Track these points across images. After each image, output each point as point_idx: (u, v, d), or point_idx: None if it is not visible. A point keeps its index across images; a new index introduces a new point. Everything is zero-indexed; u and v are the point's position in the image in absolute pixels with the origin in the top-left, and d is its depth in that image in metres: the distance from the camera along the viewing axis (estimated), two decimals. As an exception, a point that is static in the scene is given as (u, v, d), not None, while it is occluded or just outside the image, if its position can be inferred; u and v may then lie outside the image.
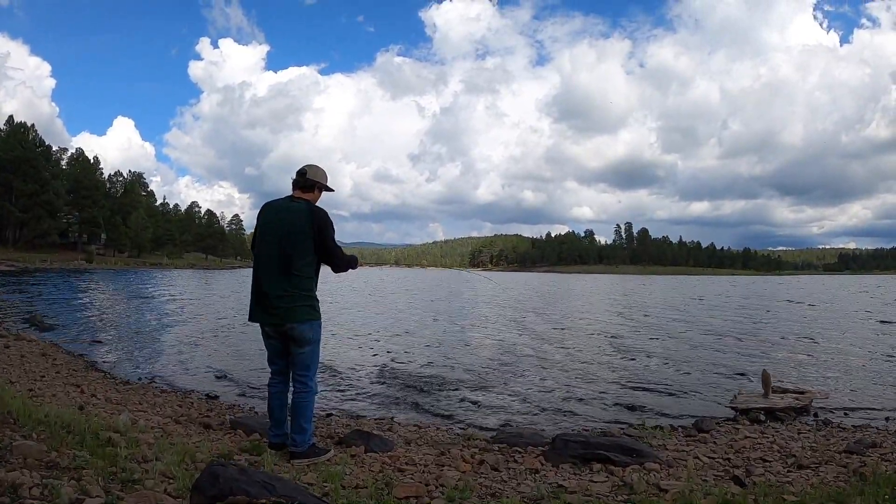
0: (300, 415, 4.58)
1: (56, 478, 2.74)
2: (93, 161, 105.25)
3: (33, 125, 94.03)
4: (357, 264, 4.96)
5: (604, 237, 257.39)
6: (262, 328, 4.67)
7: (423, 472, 4.40)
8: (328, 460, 4.51)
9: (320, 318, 4.66)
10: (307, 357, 4.62)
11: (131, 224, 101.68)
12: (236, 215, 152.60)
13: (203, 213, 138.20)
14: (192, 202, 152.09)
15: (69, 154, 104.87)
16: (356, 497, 3.41)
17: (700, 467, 4.88)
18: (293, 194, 4.69)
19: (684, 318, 23.35)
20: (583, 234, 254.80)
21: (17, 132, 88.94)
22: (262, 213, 4.73)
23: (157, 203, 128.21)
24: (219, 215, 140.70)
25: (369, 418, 7.05)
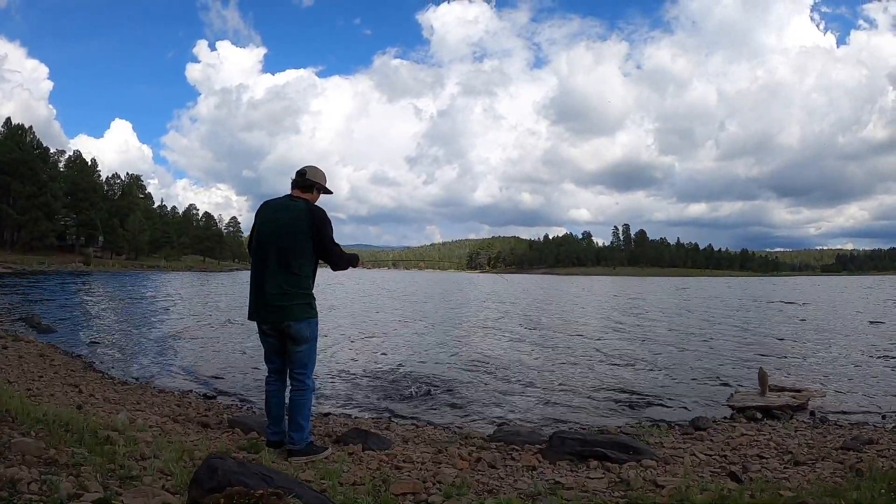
0: (298, 413, 4.59)
1: (55, 474, 2.75)
2: (90, 163, 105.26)
3: (31, 127, 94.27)
4: (358, 263, 4.98)
5: (601, 239, 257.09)
6: (259, 326, 4.68)
7: (421, 469, 4.42)
8: (326, 458, 4.52)
9: (317, 316, 4.68)
10: (304, 355, 4.63)
11: (129, 226, 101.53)
12: (234, 217, 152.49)
13: (201, 215, 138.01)
14: (190, 204, 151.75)
15: (67, 156, 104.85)
16: (354, 494, 3.42)
17: (697, 464, 4.90)
18: (292, 194, 4.71)
19: (681, 318, 23.38)
20: (580, 236, 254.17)
21: (15, 134, 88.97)
22: (261, 211, 4.74)
23: (155, 205, 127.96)
24: (216, 218, 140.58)
25: (367, 417, 7.07)
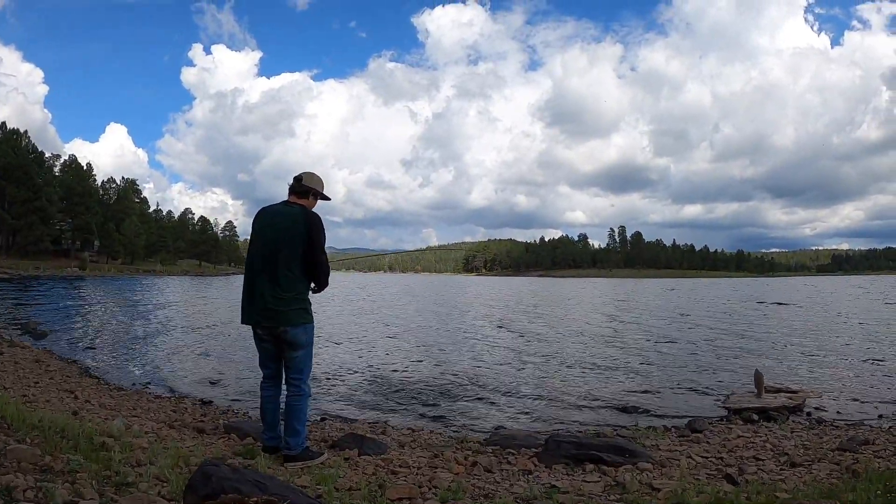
0: (294, 418, 4.58)
1: (50, 481, 2.74)
2: (86, 168, 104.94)
3: (26, 131, 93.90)
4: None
5: (597, 241, 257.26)
6: (254, 331, 4.67)
7: (417, 474, 4.41)
8: (322, 463, 4.52)
9: (313, 322, 4.67)
10: (300, 361, 4.62)
11: (124, 231, 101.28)
12: (230, 222, 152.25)
13: (196, 219, 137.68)
14: (186, 209, 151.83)
15: (62, 161, 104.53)
16: (350, 499, 3.42)
17: (693, 466, 4.90)
18: (288, 199, 4.72)
19: (676, 320, 23.39)
20: (576, 239, 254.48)
21: (10, 138, 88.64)
22: (258, 217, 4.74)
23: (151, 210, 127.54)
24: (212, 222, 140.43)
25: (363, 422, 7.06)
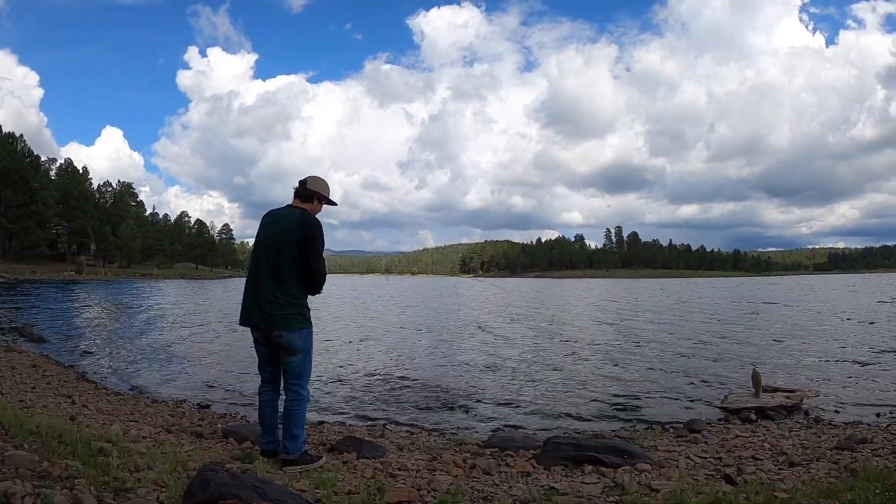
0: (292, 422, 4.57)
1: (48, 487, 2.74)
2: (82, 171, 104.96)
3: (21, 135, 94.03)
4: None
5: (594, 241, 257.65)
6: (252, 333, 4.68)
7: (415, 477, 4.41)
8: (320, 467, 4.51)
9: (311, 326, 4.65)
10: (298, 365, 4.61)
11: (121, 234, 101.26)
12: (226, 225, 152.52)
13: (193, 222, 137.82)
14: (182, 212, 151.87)
15: (58, 164, 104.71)
16: (348, 503, 3.42)
17: (691, 467, 4.90)
18: (292, 203, 4.72)
19: (673, 320, 23.42)
20: (573, 239, 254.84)
21: (6, 142, 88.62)
22: (263, 220, 4.76)
23: (147, 213, 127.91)
24: (209, 225, 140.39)
25: (361, 425, 7.06)
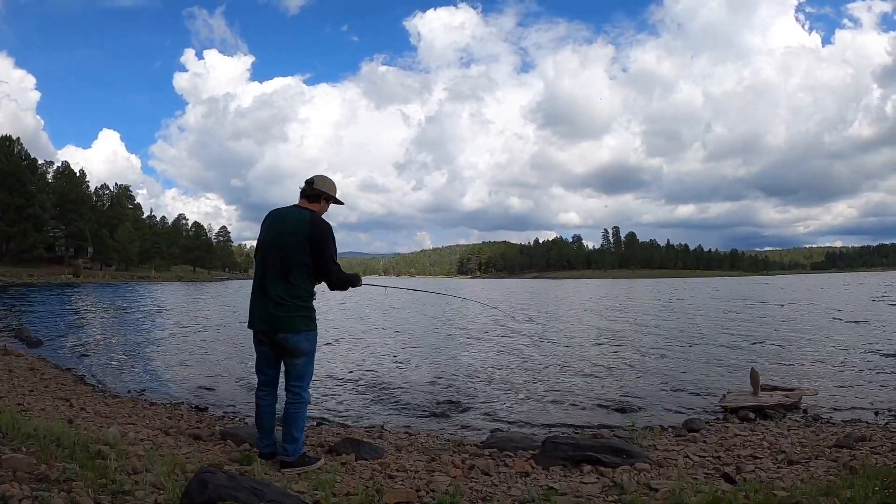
0: (292, 425, 4.55)
1: (46, 490, 2.74)
2: (79, 174, 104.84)
3: (18, 138, 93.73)
4: (359, 283, 4.85)
5: (592, 242, 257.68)
6: (254, 334, 4.65)
7: (414, 478, 4.40)
8: (319, 469, 4.50)
9: (316, 329, 4.64)
10: (301, 368, 4.59)
11: (118, 237, 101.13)
12: (223, 227, 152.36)
13: (190, 225, 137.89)
14: (179, 214, 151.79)
15: (55, 167, 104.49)
16: (347, 504, 3.41)
17: (690, 466, 4.90)
18: (299, 203, 4.68)
19: (671, 319, 23.43)
20: (570, 240, 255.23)
21: (3, 145, 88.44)
22: (266, 219, 4.72)
23: (144, 216, 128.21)
24: (206, 227, 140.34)
25: (359, 426, 7.04)
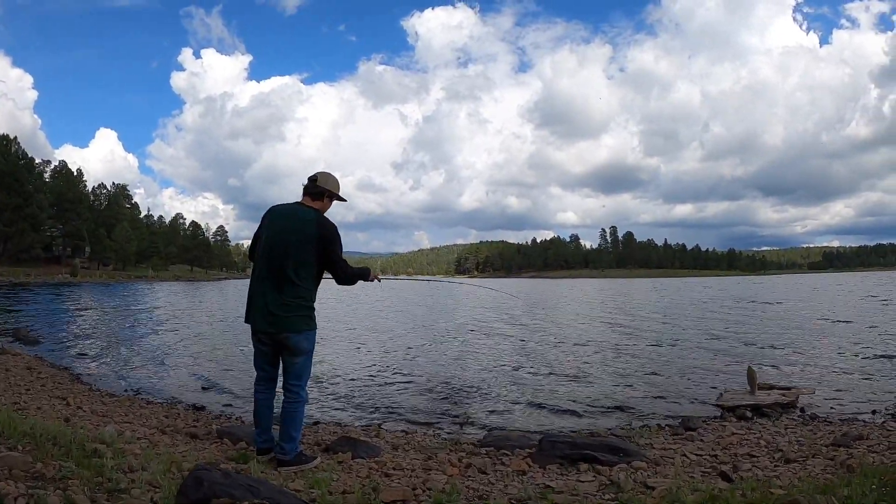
0: (290, 424, 4.55)
1: (42, 488, 2.73)
2: (76, 173, 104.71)
3: (15, 137, 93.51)
4: (370, 276, 4.80)
5: (589, 241, 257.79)
6: (254, 332, 4.62)
7: (411, 476, 4.40)
8: (315, 467, 4.49)
9: (316, 328, 4.62)
10: (300, 367, 4.58)
11: (115, 237, 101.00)
12: (221, 226, 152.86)
13: (187, 224, 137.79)
14: (177, 214, 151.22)
15: (52, 166, 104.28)
16: (343, 502, 3.40)
17: (687, 464, 4.90)
18: (302, 201, 4.64)
19: (668, 319, 23.44)
20: (568, 239, 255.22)
21: (0, 145, 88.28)
22: (268, 216, 4.66)
23: (142, 215, 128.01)
24: (203, 227, 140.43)
25: (356, 425, 7.04)
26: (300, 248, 4.41)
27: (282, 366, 4.63)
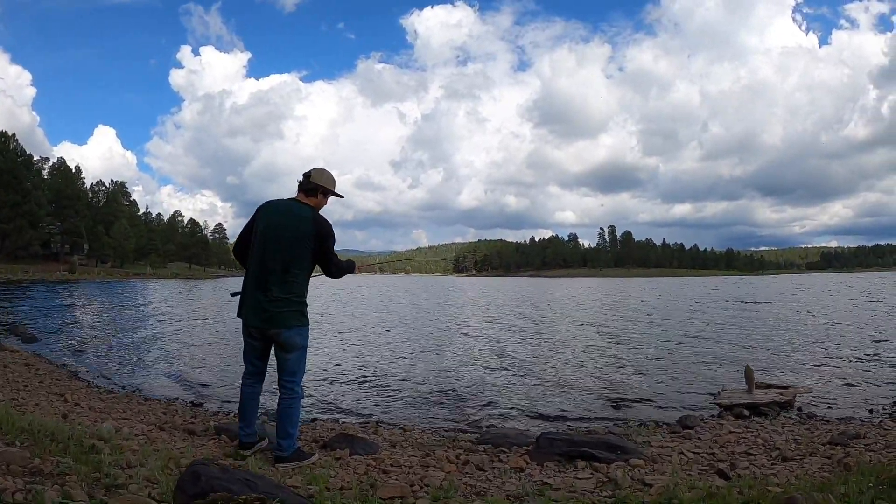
0: (286, 420, 4.55)
1: (40, 483, 2.73)
2: (74, 171, 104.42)
3: (14, 134, 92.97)
4: (354, 269, 4.95)
5: (587, 241, 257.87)
6: (245, 327, 4.61)
7: (408, 473, 4.40)
8: (313, 464, 4.50)
9: (308, 324, 4.63)
10: (294, 363, 4.58)
11: (114, 234, 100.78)
12: (219, 224, 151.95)
13: (186, 222, 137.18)
14: (175, 211, 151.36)
15: (51, 164, 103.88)
16: (341, 498, 3.41)
17: (685, 462, 4.91)
18: (297, 197, 4.64)
19: (666, 318, 23.47)
20: (566, 238, 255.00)
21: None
22: (263, 211, 4.63)
23: (140, 213, 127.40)
24: (202, 224, 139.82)
25: (354, 422, 7.04)
26: (295, 244, 4.42)
27: (276, 363, 4.63)
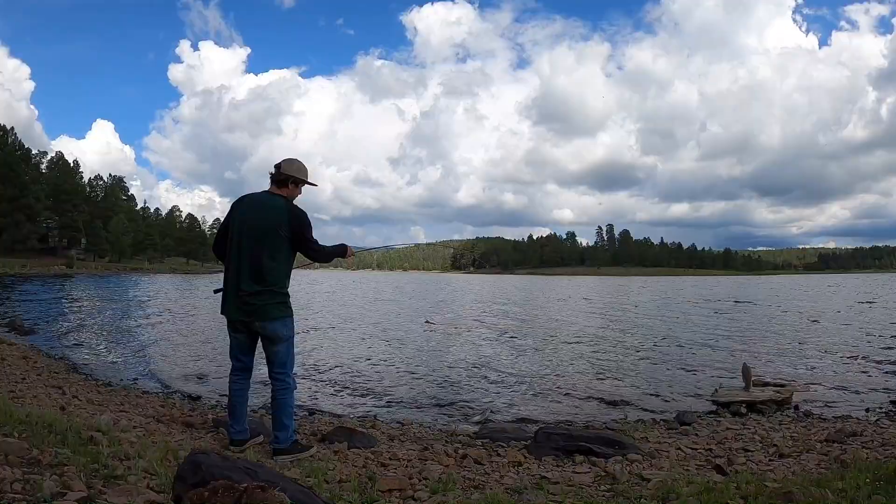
0: (281, 412, 4.56)
1: (38, 474, 2.73)
2: (72, 165, 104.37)
3: (12, 128, 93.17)
4: (346, 253, 4.92)
5: (585, 239, 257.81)
6: (229, 322, 4.62)
7: (407, 466, 4.41)
8: (311, 456, 4.51)
9: (292, 314, 4.63)
10: (282, 354, 4.59)
11: (112, 229, 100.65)
12: (217, 219, 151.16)
13: (184, 217, 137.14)
14: (173, 206, 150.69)
15: (49, 158, 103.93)
16: (340, 491, 3.41)
17: (682, 458, 4.93)
18: (269, 189, 4.64)
19: (664, 316, 23.50)
20: (564, 237, 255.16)
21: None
22: (238, 205, 4.65)
23: (138, 207, 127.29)
24: (200, 219, 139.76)
25: (352, 416, 7.05)
26: (270, 235, 4.42)
27: (265, 356, 4.63)
